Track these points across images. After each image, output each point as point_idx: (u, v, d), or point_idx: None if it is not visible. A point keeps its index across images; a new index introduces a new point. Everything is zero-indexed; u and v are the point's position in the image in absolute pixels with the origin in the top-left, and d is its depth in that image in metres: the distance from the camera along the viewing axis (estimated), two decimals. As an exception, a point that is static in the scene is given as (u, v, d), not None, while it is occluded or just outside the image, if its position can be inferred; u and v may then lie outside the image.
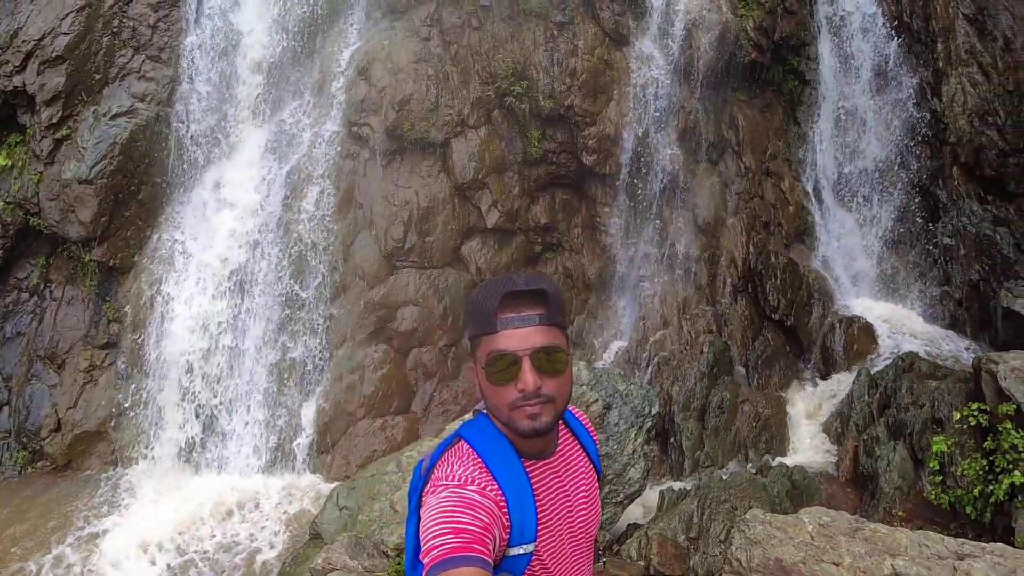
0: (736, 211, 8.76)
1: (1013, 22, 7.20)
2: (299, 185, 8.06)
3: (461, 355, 8.83)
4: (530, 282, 1.53)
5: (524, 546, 1.55)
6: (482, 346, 1.55)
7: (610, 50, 8.63)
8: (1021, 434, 5.16)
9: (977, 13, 7.38)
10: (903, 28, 7.94)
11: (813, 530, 5.11)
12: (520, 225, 9.11)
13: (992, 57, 7.31)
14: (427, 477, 1.63)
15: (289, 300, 7.81)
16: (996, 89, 7.29)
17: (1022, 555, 4.29)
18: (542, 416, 1.52)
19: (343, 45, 8.36)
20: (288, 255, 7.96)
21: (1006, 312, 6.34)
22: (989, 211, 7.36)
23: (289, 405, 7.45)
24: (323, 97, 8.27)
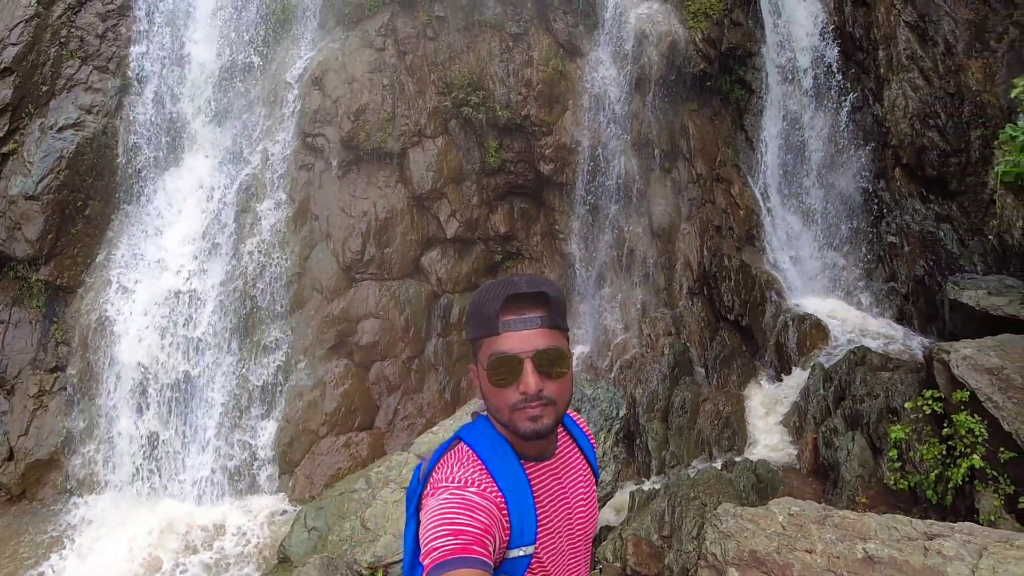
0: (690, 216, 9.01)
1: (955, 26, 7.69)
2: (252, 198, 7.83)
3: (425, 368, 8.72)
4: (532, 285, 1.54)
5: (524, 548, 1.54)
6: (484, 348, 1.55)
7: (564, 61, 8.78)
8: (976, 419, 5.43)
9: (919, 20, 7.86)
10: (846, 37, 8.39)
11: (784, 520, 5.23)
12: (480, 234, 9.11)
13: (933, 62, 7.80)
14: (426, 480, 1.62)
15: (244, 316, 7.55)
16: (937, 92, 7.76)
17: (991, 532, 4.50)
18: (543, 418, 1.52)
19: (296, 55, 8.22)
20: (242, 270, 7.71)
21: (953, 304, 6.71)
22: (932, 209, 7.81)
23: (248, 426, 7.17)
24: (275, 107, 8.09)
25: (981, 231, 7.45)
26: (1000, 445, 5.28)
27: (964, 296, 6.54)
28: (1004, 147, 4.79)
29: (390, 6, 8.53)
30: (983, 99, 7.58)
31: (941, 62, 7.74)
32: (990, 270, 7.22)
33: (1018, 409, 5.27)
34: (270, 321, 7.71)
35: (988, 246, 7.31)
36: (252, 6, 8.04)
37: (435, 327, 8.89)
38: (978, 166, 7.59)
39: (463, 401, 8.82)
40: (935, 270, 7.61)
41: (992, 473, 5.23)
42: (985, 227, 7.42)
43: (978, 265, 7.34)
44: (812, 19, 8.47)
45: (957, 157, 7.61)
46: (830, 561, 4.78)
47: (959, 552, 4.55)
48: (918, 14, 7.87)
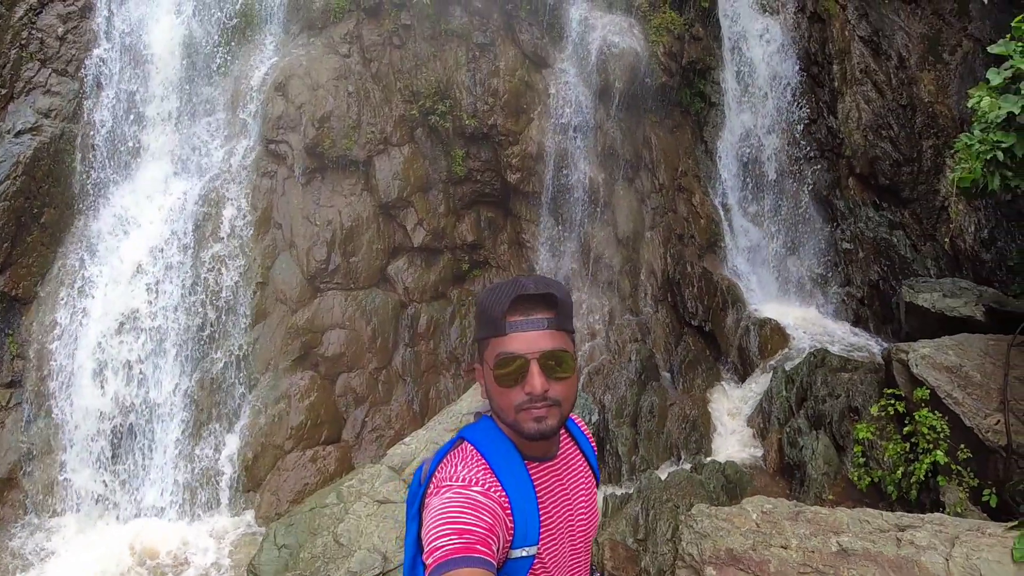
0: (653, 225, 9.18)
1: (908, 40, 8.14)
2: (212, 205, 7.58)
3: (392, 379, 8.58)
4: (540, 286, 1.55)
5: (527, 548, 1.54)
6: (490, 348, 1.56)
7: (530, 72, 8.87)
8: (937, 416, 5.67)
9: (873, 35, 8.28)
10: (802, 51, 8.77)
11: (757, 518, 5.34)
12: (447, 243, 9.06)
13: (886, 75, 8.22)
14: (428, 480, 1.62)
15: (205, 328, 7.27)
16: (890, 104, 8.18)
17: (961, 522, 4.68)
18: (548, 419, 1.53)
19: (259, 60, 8.03)
20: (202, 280, 7.43)
21: (909, 307, 7.04)
22: (885, 216, 8.19)
23: (210, 442, 6.88)
24: (237, 113, 7.88)
25: (933, 237, 7.87)
26: (962, 440, 5.53)
27: (920, 299, 6.87)
28: (960, 155, 5.07)
29: (355, 13, 8.45)
30: (935, 110, 8.03)
31: (894, 75, 8.18)
32: (943, 274, 7.63)
33: (978, 405, 5.54)
34: (232, 333, 7.45)
35: (940, 251, 7.72)
36: (214, 11, 7.83)
37: (403, 337, 8.77)
38: (930, 175, 8.03)
39: (432, 412, 8.71)
40: (889, 275, 7.98)
41: (955, 468, 5.47)
42: (937, 233, 7.84)
43: (931, 269, 7.74)
44: (769, 34, 8.83)
45: (909, 166, 8.02)
46: (805, 556, 4.89)
47: (931, 542, 4.72)
48: (872, 29, 8.30)
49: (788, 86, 8.83)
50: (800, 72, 8.80)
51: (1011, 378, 5.34)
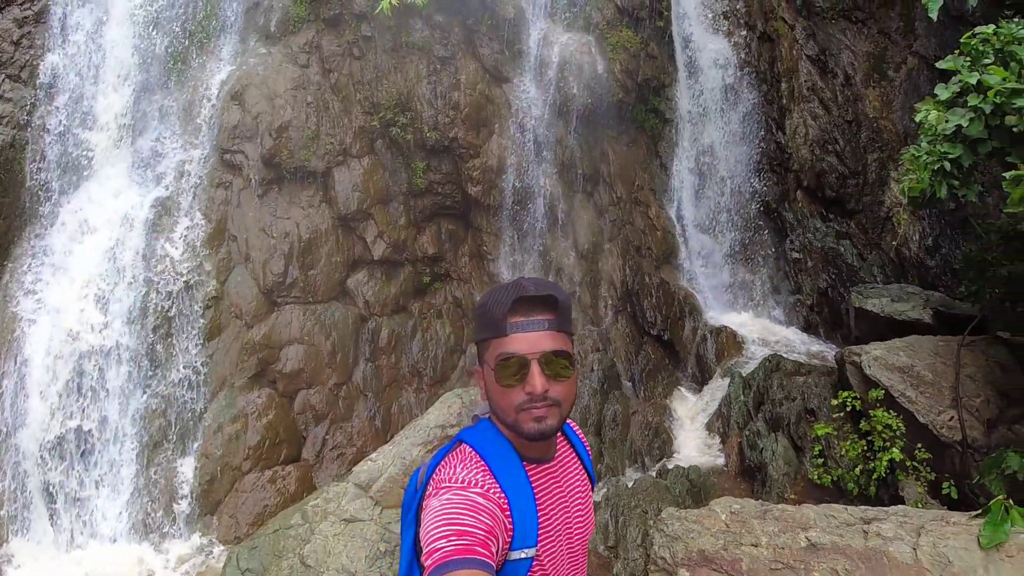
0: (612, 237, 9.35)
1: (854, 59, 8.63)
2: (165, 216, 7.27)
3: (353, 394, 8.38)
4: (540, 288, 1.57)
5: (526, 550, 1.55)
6: (491, 349, 1.58)
7: (491, 86, 8.94)
8: (893, 414, 5.94)
9: (820, 53, 8.75)
10: (751, 70, 9.18)
11: (726, 518, 5.43)
12: (407, 256, 8.96)
13: (833, 92, 8.69)
14: (426, 483, 1.61)
15: (157, 345, 6.92)
16: (836, 120, 8.63)
17: (924, 513, 4.87)
18: (548, 419, 1.54)
19: (215, 68, 7.80)
20: (155, 294, 7.10)
21: (859, 312, 7.39)
22: (832, 227, 8.61)
23: (165, 464, 6.52)
24: (192, 122, 7.61)
25: (879, 245, 8.31)
26: (917, 437, 5.81)
27: (869, 304, 7.22)
28: (908, 166, 5.39)
29: (315, 23, 8.34)
30: (880, 125, 8.52)
31: (840, 92, 8.65)
32: (889, 280, 8.06)
33: (930, 403, 5.84)
34: (185, 349, 7.12)
35: (886, 259, 8.15)
36: (170, 17, 7.58)
37: (363, 352, 8.59)
38: (874, 187, 8.50)
39: (395, 428, 8.53)
40: (837, 282, 8.37)
41: (912, 464, 5.74)
42: (882, 242, 8.29)
43: (877, 276, 8.16)
44: (720, 54, 9.21)
45: (855, 179, 8.48)
46: (776, 552, 5.00)
47: (898, 532, 4.89)
48: (819, 48, 8.77)
49: (739, 103, 9.23)
50: (750, 90, 9.21)
51: (963, 376, 5.66)
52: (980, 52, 4.82)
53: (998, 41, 4.69)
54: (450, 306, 9.31)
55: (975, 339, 5.90)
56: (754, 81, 9.20)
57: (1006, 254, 5.48)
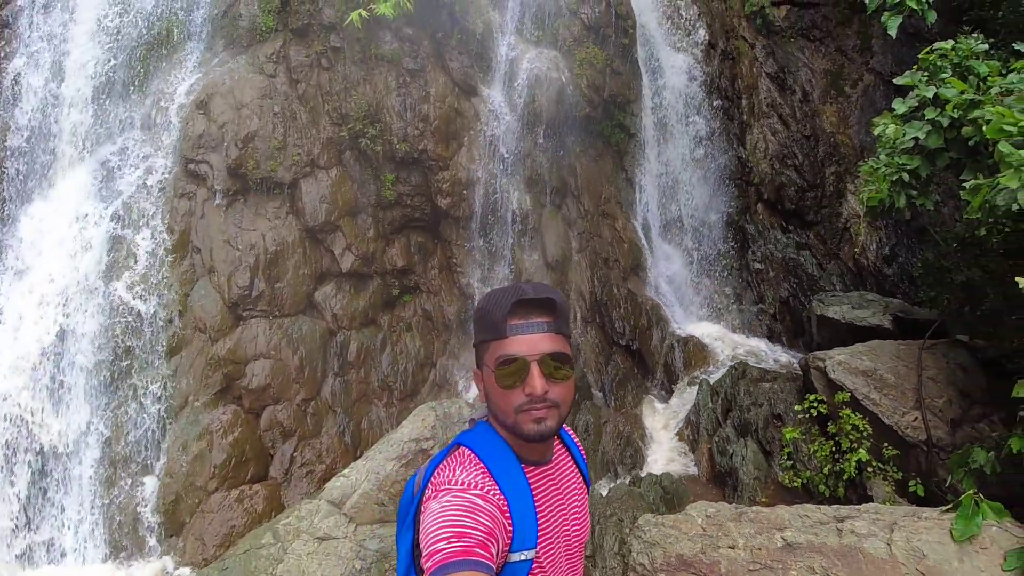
0: (580, 249, 9.46)
1: (812, 76, 8.99)
2: (127, 227, 7.01)
3: (322, 410, 8.19)
4: (539, 291, 1.61)
5: (525, 552, 1.56)
6: (490, 351, 1.60)
7: (460, 99, 8.97)
8: (858, 416, 6.15)
9: (779, 71, 9.09)
10: (713, 87, 9.47)
11: (703, 522, 5.51)
12: (376, 268, 8.86)
13: (791, 108, 9.02)
14: (424, 487, 1.62)
15: (119, 360, 6.64)
16: (794, 135, 8.97)
17: (896, 509, 5.03)
18: (547, 420, 1.57)
19: (180, 77, 7.60)
20: (116, 308, 6.82)
21: (820, 319, 7.65)
22: (792, 238, 8.91)
23: (128, 483, 6.22)
24: (155, 131, 7.38)
25: (837, 255, 8.63)
26: (883, 437, 6.02)
27: (830, 311, 7.49)
28: (867, 177, 5.64)
29: (283, 33, 8.24)
30: (837, 140, 8.89)
31: (798, 108, 9.00)
32: (848, 289, 8.37)
33: (894, 404, 6.06)
34: (147, 365, 6.85)
35: (844, 268, 8.47)
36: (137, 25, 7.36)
37: (331, 366, 8.42)
38: (832, 199, 8.85)
39: (365, 443, 8.37)
40: (798, 291, 8.66)
41: (878, 464, 5.93)
42: (840, 251, 8.61)
43: (836, 285, 8.47)
44: (683, 71, 9.48)
45: (813, 192, 8.81)
46: (753, 553, 5.09)
47: (871, 529, 5.05)
48: (779, 66, 9.13)
49: (701, 119, 9.51)
50: (712, 106, 9.51)
51: (925, 378, 5.91)
52: (938, 67, 5.10)
53: (956, 56, 4.97)
54: (420, 319, 9.23)
55: (935, 343, 6.17)
56: (716, 98, 9.50)
57: (963, 260, 5.77)
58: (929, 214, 6.38)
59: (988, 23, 5.95)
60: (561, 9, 8.93)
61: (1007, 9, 5.59)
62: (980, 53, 4.88)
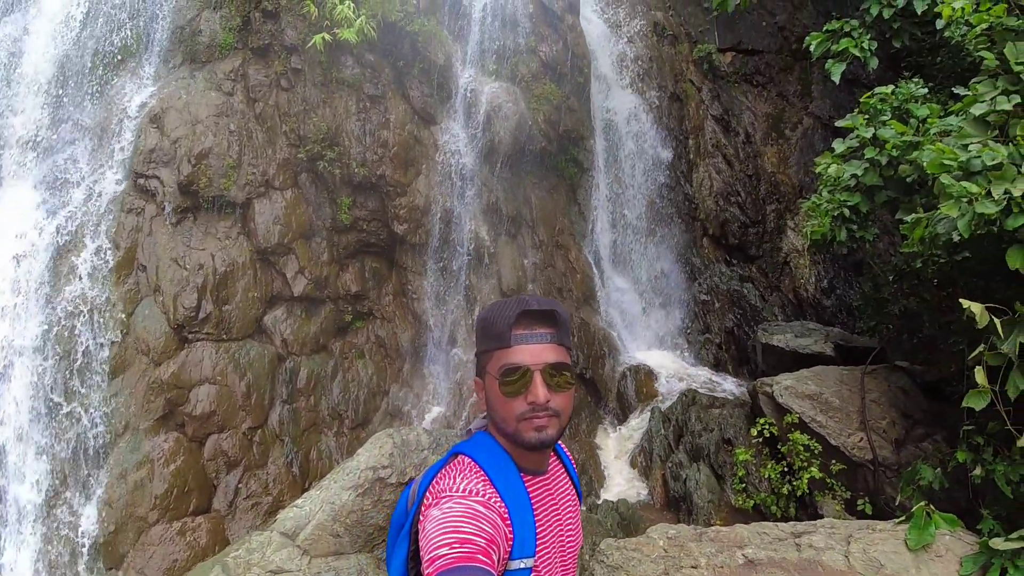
0: (534, 279, 9.59)
1: (754, 119, 9.59)
2: (71, 242, 6.62)
3: (268, 439, 7.84)
4: (542, 304, 1.69)
5: (524, 560, 1.59)
6: (494, 359, 1.65)
7: (419, 127, 9.04)
8: (807, 437, 6.44)
9: (724, 113, 9.65)
10: (662, 127, 9.95)
11: (664, 544, 5.60)
12: (329, 293, 8.67)
13: (735, 148, 9.57)
14: (421, 497, 1.64)
15: (57, 383, 6.18)
16: (738, 174, 9.50)
17: (850, 523, 5.27)
18: (548, 429, 1.62)
19: (134, 88, 7.32)
20: (55, 327, 6.39)
21: (765, 347, 8.02)
22: (736, 271, 9.36)
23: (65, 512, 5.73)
24: (106, 143, 7.05)
25: (778, 288, 9.12)
26: (830, 458, 6.32)
27: (775, 339, 7.87)
28: (810, 213, 6.05)
29: (242, 52, 8.11)
30: (777, 179, 9.47)
31: (742, 149, 9.56)
32: (789, 319, 8.84)
33: (840, 426, 6.40)
34: (87, 388, 6.40)
35: (785, 299, 8.95)
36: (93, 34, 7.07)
37: (280, 393, 8.11)
38: (773, 235, 9.38)
39: (314, 474, 8.05)
40: (743, 322, 9.06)
41: (830, 481, 6.22)
42: (781, 284, 9.10)
43: (778, 316, 8.93)
44: (634, 111, 9.93)
45: (755, 228, 9.32)
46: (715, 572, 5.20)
47: (828, 543, 5.26)
48: (723, 109, 9.70)
49: (650, 157, 9.95)
50: (660, 145, 9.98)
51: (868, 401, 6.27)
52: (878, 110, 5.58)
53: (896, 99, 5.47)
54: (373, 346, 9.05)
55: (876, 368, 6.59)
56: (664, 137, 9.99)
57: (901, 291, 6.25)
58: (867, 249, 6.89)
59: (926, 68, 6.60)
60: (520, 46, 9.23)
61: (945, 55, 6.24)
62: (920, 97, 5.39)
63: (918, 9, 5.86)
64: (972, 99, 4.55)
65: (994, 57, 4.26)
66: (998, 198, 4.01)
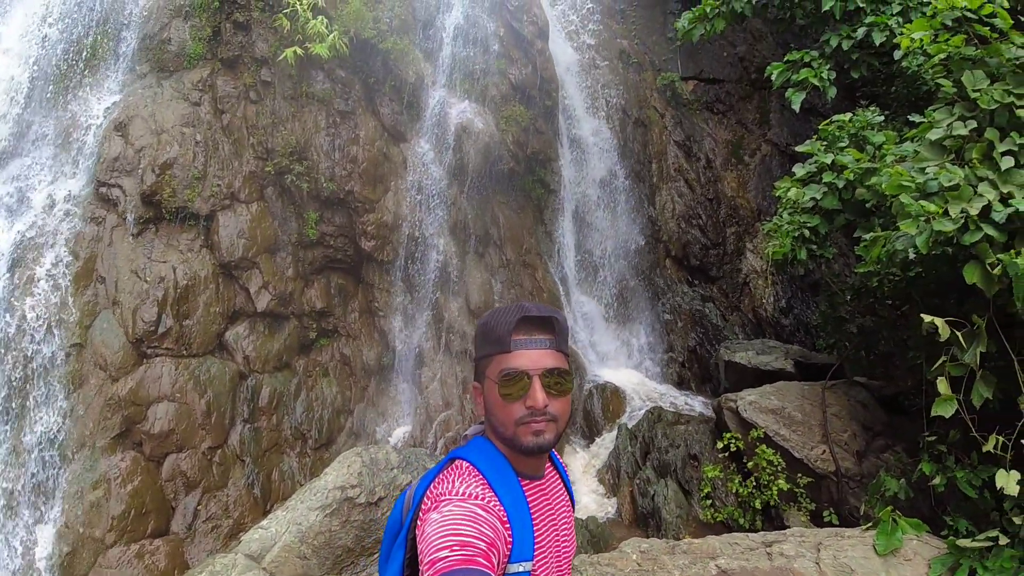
0: (502, 297, 9.62)
1: (715, 145, 9.94)
2: (29, 250, 6.32)
3: (229, 460, 7.58)
4: (541, 311, 1.69)
5: (523, 563, 1.59)
6: (493, 364, 1.67)
7: (389, 144, 9.04)
8: (772, 451, 6.63)
9: (686, 139, 9.98)
10: (627, 151, 10.22)
11: (637, 558, 5.66)
12: (293, 310, 8.50)
13: (696, 173, 9.90)
14: (418, 503, 1.65)
15: (12, 395, 5.86)
16: (699, 198, 9.83)
17: (819, 531, 5.42)
18: (546, 433, 1.63)
19: (100, 95, 7.10)
20: (9, 339, 6.06)
21: (728, 365, 8.25)
22: (697, 292, 9.62)
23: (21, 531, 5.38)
24: (69, 150, 6.80)
25: (738, 307, 9.41)
26: (795, 470, 6.51)
27: (737, 357, 8.11)
28: (772, 234, 6.31)
29: (212, 62, 7.99)
30: (737, 203, 9.83)
31: (703, 173, 9.90)
32: (749, 337, 9.12)
33: (803, 440, 6.62)
34: (42, 403, 6.08)
35: (745, 319, 9.24)
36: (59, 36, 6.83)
37: (241, 412, 7.86)
38: (733, 256, 9.70)
39: (277, 496, 7.80)
40: (705, 341, 9.30)
41: (797, 491, 6.40)
42: (741, 304, 9.40)
43: (739, 334, 9.21)
44: (600, 135, 10.20)
45: (716, 250, 9.62)
46: (689, 584, 5.30)
47: (799, 550, 5.40)
48: (685, 135, 10.04)
49: (615, 180, 10.20)
50: (625, 168, 10.25)
51: (829, 415, 6.52)
52: (836, 136, 5.90)
53: (853, 127, 5.80)
54: (337, 364, 8.89)
55: (836, 383, 6.86)
56: (629, 161, 10.28)
57: (858, 309, 6.56)
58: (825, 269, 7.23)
59: (881, 98, 7.04)
60: (491, 68, 9.39)
61: (900, 85, 6.67)
62: (876, 124, 5.74)
63: (876, 40, 6.27)
64: (928, 126, 4.87)
65: (951, 84, 4.58)
66: (955, 216, 4.28)
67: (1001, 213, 4.02)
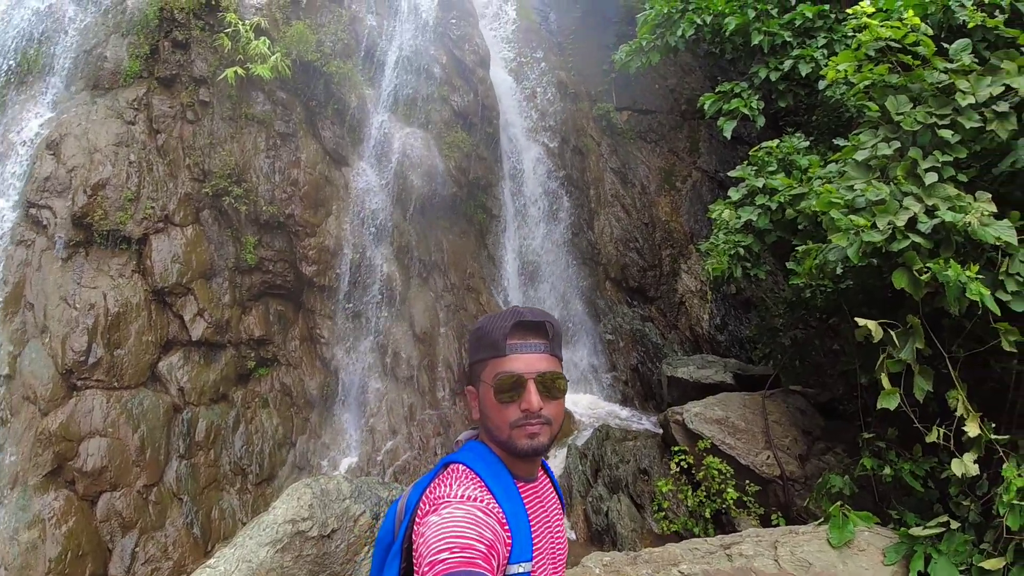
0: (447, 321, 9.61)
1: (649, 173, 10.40)
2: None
3: (165, 498, 7.11)
4: (536, 315, 1.71)
5: (522, 564, 1.60)
6: (488, 368, 1.69)
7: (331, 167, 8.94)
8: (720, 460, 6.92)
9: (622, 167, 10.39)
10: (566, 177, 10.55)
11: (600, 572, 5.77)
12: (231, 338, 8.16)
13: (632, 199, 10.31)
14: (413, 509, 1.65)
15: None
16: (635, 222, 10.23)
17: (774, 530, 5.68)
18: (540, 436, 1.64)
19: (31, 112, 6.66)
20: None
21: (670, 380, 8.56)
22: (637, 312, 9.97)
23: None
24: None
25: (676, 326, 9.82)
26: (743, 476, 6.82)
27: (679, 372, 8.46)
28: (709, 252, 6.71)
29: (148, 81, 7.68)
30: (671, 227, 10.30)
31: (638, 199, 10.33)
32: (688, 353, 9.52)
33: (748, 447, 6.97)
34: (-39, 440, 5.55)
35: (683, 336, 9.65)
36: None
37: (176, 447, 7.43)
38: (669, 277, 10.15)
39: (217, 535, 7.37)
40: (646, 359, 9.64)
41: (747, 499, 6.69)
42: (678, 323, 9.82)
43: (678, 352, 9.59)
44: (539, 161, 10.49)
45: (653, 271, 10.04)
46: (654, 592, 5.44)
47: (757, 549, 5.66)
48: (621, 162, 10.47)
49: (554, 205, 10.50)
50: (564, 194, 10.59)
51: (770, 422, 6.91)
52: (766, 161, 6.39)
53: (780, 152, 6.30)
54: (278, 394, 8.56)
55: (774, 392, 7.29)
56: (567, 187, 10.63)
57: (791, 321, 7.04)
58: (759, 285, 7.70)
59: (804, 126, 7.68)
60: (433, 94, 9.53)
61: (821, 114, 7.30)
62: (802, 149, 6.26)
63: (803, 72, 6.88)
64: (853, 148, 5.37)
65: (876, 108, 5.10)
66: (883, 228, 4.73)
67: (927, 224, 4.48)
